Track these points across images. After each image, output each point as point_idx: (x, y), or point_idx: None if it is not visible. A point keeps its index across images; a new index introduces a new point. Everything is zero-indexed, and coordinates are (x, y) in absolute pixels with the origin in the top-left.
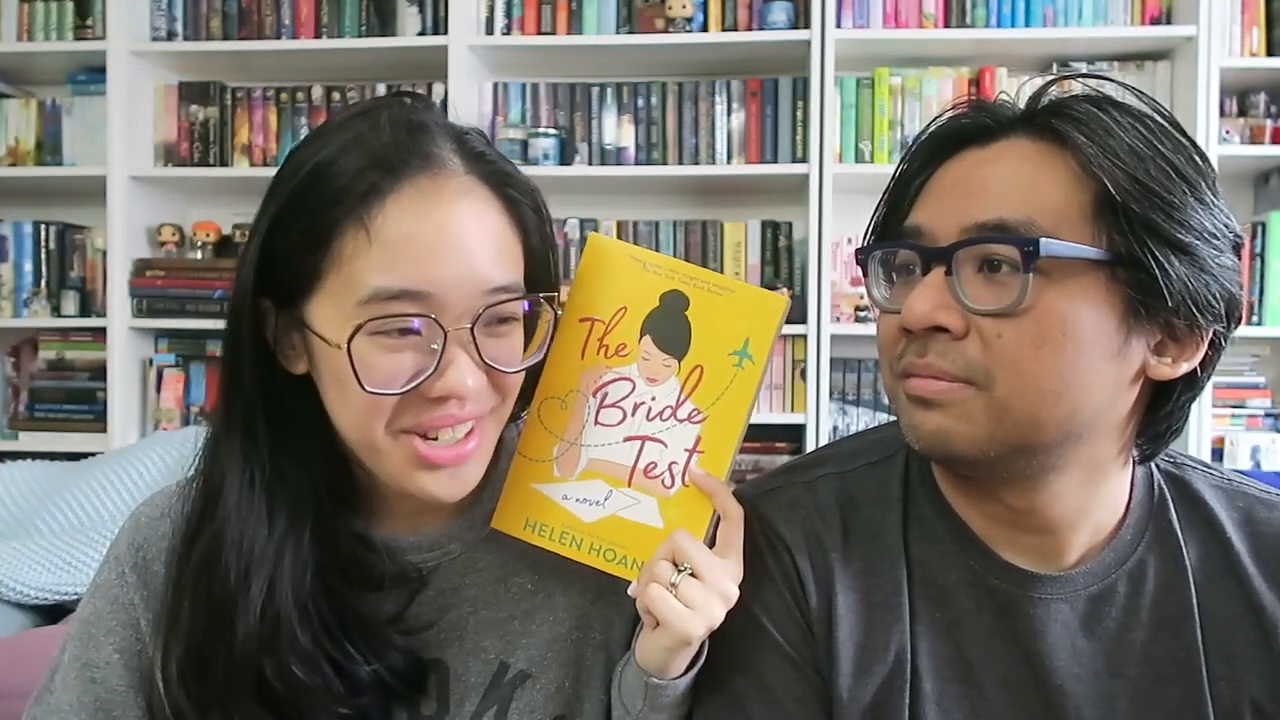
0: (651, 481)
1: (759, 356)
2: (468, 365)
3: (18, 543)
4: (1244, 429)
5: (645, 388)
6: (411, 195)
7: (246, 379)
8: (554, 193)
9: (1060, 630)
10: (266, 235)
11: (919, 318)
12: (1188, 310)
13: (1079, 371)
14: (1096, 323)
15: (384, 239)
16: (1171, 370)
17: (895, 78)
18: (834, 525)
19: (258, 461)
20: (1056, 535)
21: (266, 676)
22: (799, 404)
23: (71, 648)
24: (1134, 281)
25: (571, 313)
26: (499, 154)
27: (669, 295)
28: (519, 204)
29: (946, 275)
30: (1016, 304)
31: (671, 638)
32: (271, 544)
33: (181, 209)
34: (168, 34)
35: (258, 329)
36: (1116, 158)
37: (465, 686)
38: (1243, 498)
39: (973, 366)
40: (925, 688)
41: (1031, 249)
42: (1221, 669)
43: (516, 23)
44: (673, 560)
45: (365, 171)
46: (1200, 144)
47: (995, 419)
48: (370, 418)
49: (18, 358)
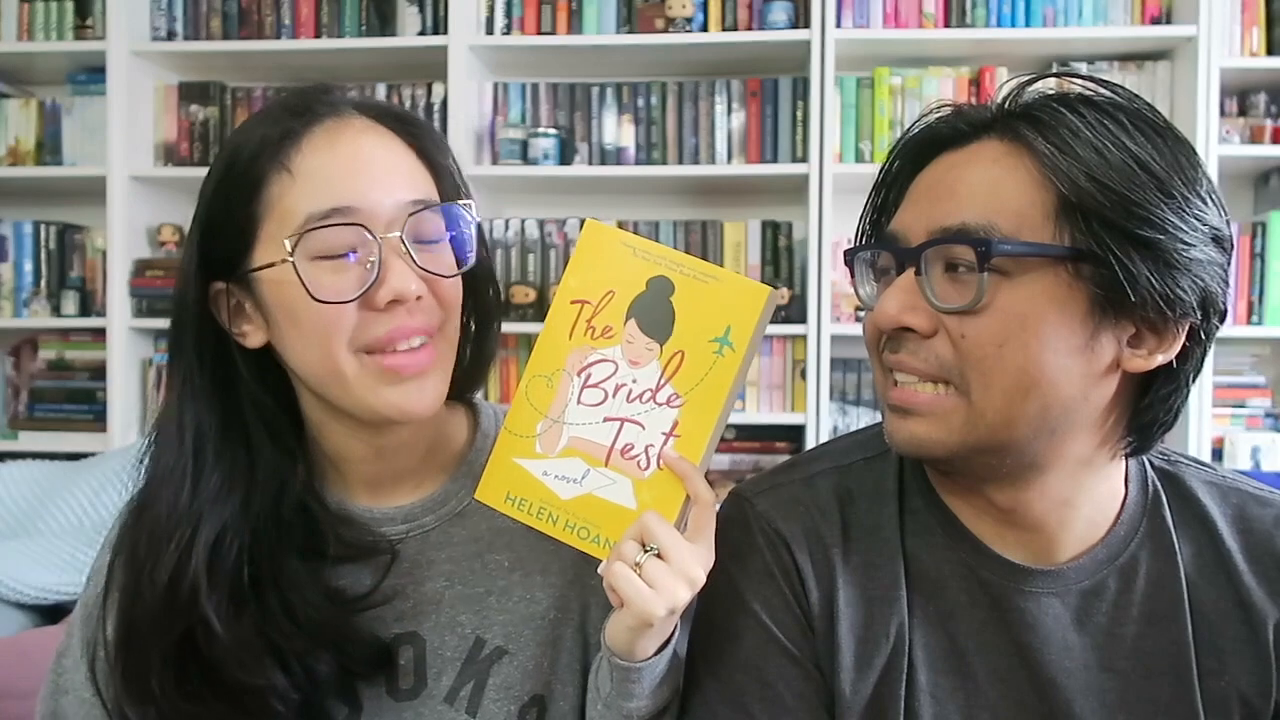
0: (628, 463)
1: (739, 345)
2: (406, 270)
3: (18, 543)
4: (1244, 429)
5: (627, 370)
6: (320, 134)
7: (186, 351)
8: (554, 193)
9: (1052, 624)
10: (205, 216)
11: (887, 318)
12: (1155, 304)
13: (1044, 366)
14: (1059, 318)
15: (305, 171)
16: (1146, 362)
17: (895, 78)
18: (833, 521)
19: (192, 428)
20: (1044, 532)
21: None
22: (799, 404)
23: (76, 630)
24: (1098, 278)
25: (564, 295)
26: (397, 108)
27: (655, 280)
28: (419, 137)
29: (917, 276)
30: (974, 302)
31: (634, 617)
32: (193, 508)
33: (181, 209)
34: (168, 34)
35: (204, 309)
36: (1076, 157)
37: (442, 660)
38: (1236, 494)
39: (945, 365)
40: (920, 679)
41: (984, 249)
42: (1211, 664)
43: (516, 23)
44: (641, 541)
45: (279, 122)
46: (1200, 144)
47: (970, 423)
48: (330, 340)
49: (18, 358)
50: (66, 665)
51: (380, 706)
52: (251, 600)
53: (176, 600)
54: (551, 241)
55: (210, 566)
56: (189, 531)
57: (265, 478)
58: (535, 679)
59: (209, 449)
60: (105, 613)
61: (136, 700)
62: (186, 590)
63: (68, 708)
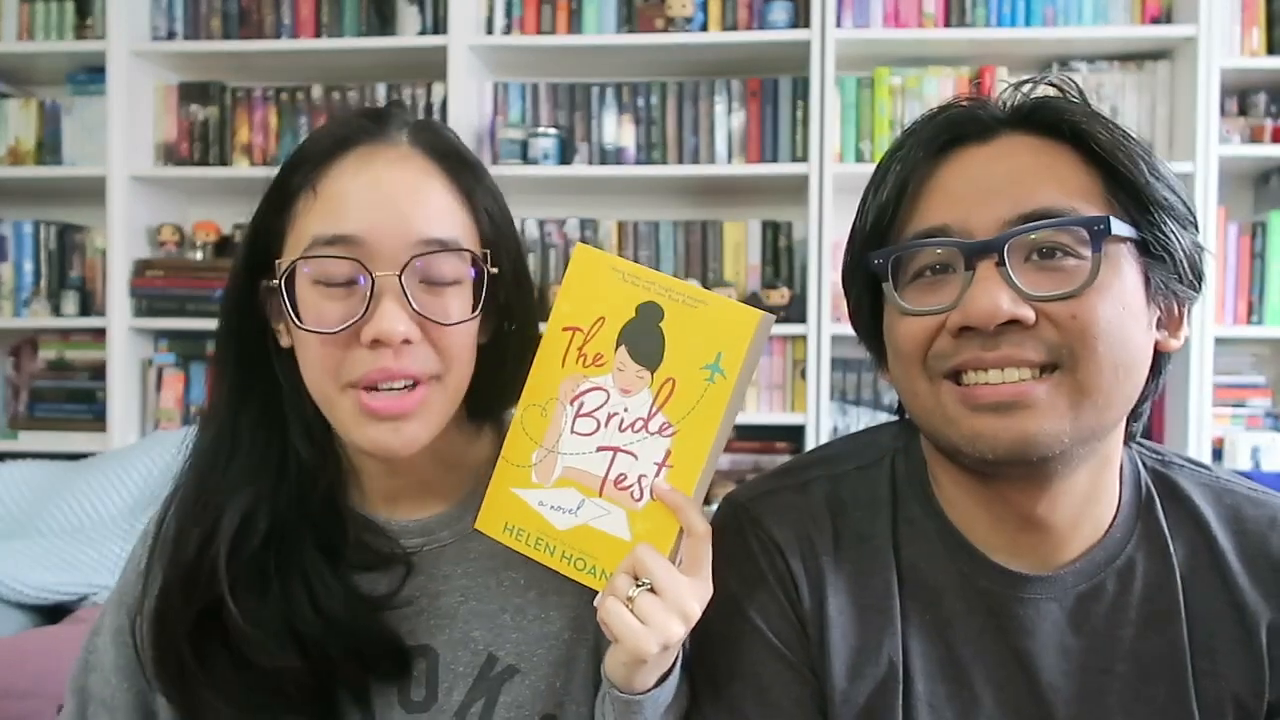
0: (621, 493)
1: (731, 372)
2: (395, 311)
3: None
4: (1244, 429)
5: (619, 399)
6: (354, 159)
7: (228, 340)
8: (554, 193)
9: (1049, 629)
10: (256, 212)
11: (994, 313)
12: (1188, 278)
13: (1139, 345)
14: (1137, 295)
15: (326, 195)
16: (1174, 343)
17: (895, 78)
18: (825, 529)
19: (229, 414)
20: (1057, 533)
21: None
22: (799, 404)
23: (110, 610)
24: (1149, 255)
25: (555, 321)
26: (453, 136)
27: (644, 306)
28: (461, 176)
29: (998, 267)
30: (1088, 283)
31: (626, 653)
32: (223, 488)
33: (181, 209)
34: (168, 34)
35: (249, 301)
36: (1112, 141)
37: (454, 675)
38: (1230, 495)
39: (1054, 349)
40: (918, 689)
41: (1102, 228)
42: (1205, 665)
43: (516, 23)
44: (634, 574)
45: (323, 143)
46: (1200, 144)
47: (1076, 405)
48: (322, 369)
49: (18, 358)
50: (98, 644)
51: (391, 717)
52: (275, 583)
53: (199, 577)
54: (551, 241)
55: (234, 547)
56: (217, 511)
57: (295, 470)
58: (547, 699)
59: (245, 435)
60: (145, 591)
61: (165, 679)
62: (208, 568)
63: (95, 685)
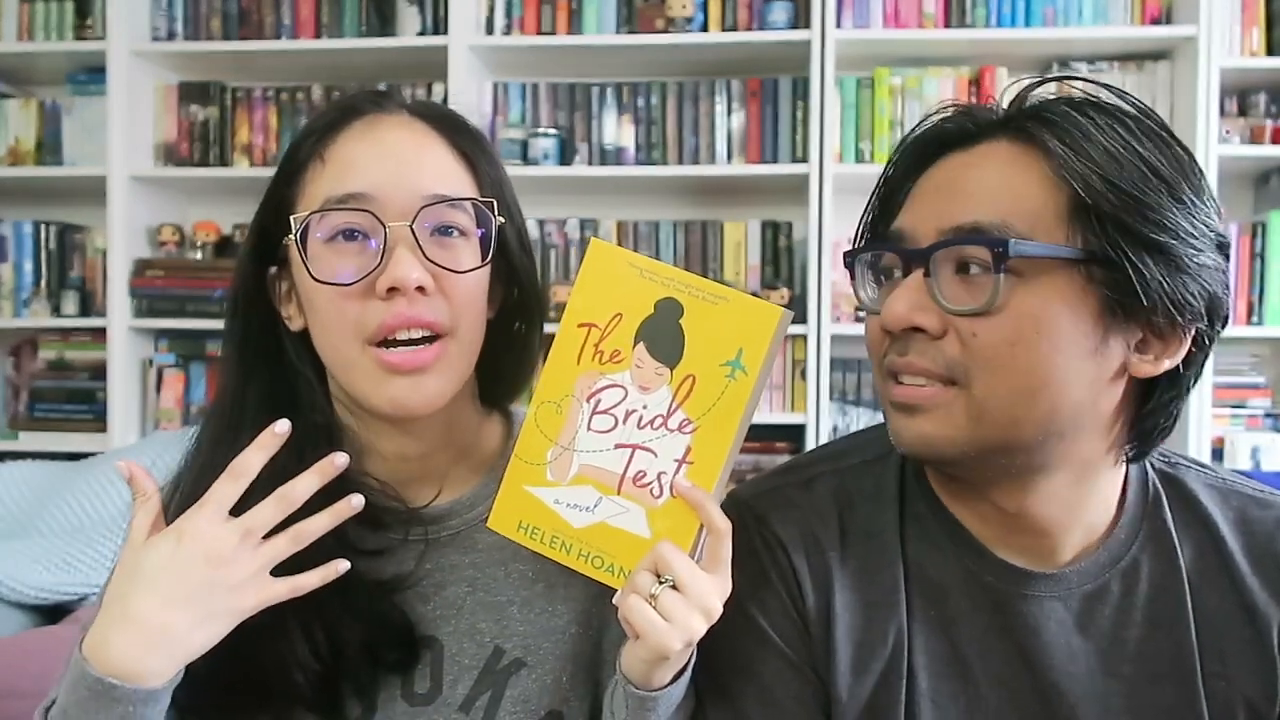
0: (640, 491)
1: (752, 368)
2: (409, 259)
3: (18, 543)
4: (1244, 429)
5: (637, 395)
6: (360, 126)
7: (238, 322)
8: (554, 193)
9: (1055, 628)
10: (263, 197)
11: (897, 318)
12: (1165, 309)
13: (1055, 368)
14: (1072, 321)
15: (335, 159)
16: (1153, 368)
17: (895, 78)
18: (831, 524)
19: (236, 394)
20: (1049, 536)
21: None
22: (799, 404)
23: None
24: (1110, 281)
25: (570, 318)
26: (449, 110)
27: (663, 302)
28: (461, 137)
29: (925, 277)
30: (989, 304)
31: (648, 650)
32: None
33: (181, 209)
34: (168, 34)
35: (257, 287)
36: (1090, 160)
37: (459, 667)
38: (1237, 497)
39: (952, 364)
40: (921, 684)
41: (1001, 250)
42: (1215, 667)
43: (516, 23)
44: (656, 571)
45: (328, 115)
46: (1200, 144)
47: (975, 419)
48: (340, 327)
49: (18, 358)
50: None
51: (394, 711)
52: (284, 568)
53: None
54: (551, 241)
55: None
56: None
57: (306, 452)
58: (553, 694)
59: (251, 411)
60: None
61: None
62: None
63: None
